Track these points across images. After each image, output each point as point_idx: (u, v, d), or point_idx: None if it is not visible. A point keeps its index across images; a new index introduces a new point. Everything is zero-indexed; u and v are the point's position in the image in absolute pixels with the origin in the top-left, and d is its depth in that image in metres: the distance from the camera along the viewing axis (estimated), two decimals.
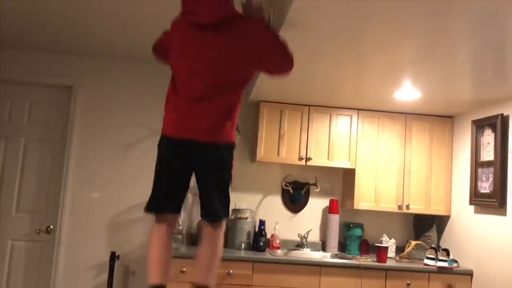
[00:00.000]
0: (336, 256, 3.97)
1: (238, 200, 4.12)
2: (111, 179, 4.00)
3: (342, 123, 4.10)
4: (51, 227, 3.90)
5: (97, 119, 4.03)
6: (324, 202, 4.30)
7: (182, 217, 3.82)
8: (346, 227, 4.18)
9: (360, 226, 4.17)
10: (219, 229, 1.95)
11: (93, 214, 3.95)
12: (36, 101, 4.04)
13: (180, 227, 3.68)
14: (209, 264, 1.92)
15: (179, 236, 3.66)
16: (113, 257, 3.75)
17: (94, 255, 3.90)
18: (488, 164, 3.53)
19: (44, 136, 4.01)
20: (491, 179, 3.47)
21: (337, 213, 4.15)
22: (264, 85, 3.49)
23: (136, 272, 3.94)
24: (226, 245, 3.94)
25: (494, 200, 3.40)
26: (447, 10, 2.04)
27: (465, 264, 3.75)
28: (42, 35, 3.59)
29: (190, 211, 4.06)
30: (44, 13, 3.12)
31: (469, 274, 3.67)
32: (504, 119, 3.42)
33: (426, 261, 3.76)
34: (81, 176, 3.96)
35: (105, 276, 3.80)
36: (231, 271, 3.48)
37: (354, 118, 4.10)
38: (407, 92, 3.45)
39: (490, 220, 3.51)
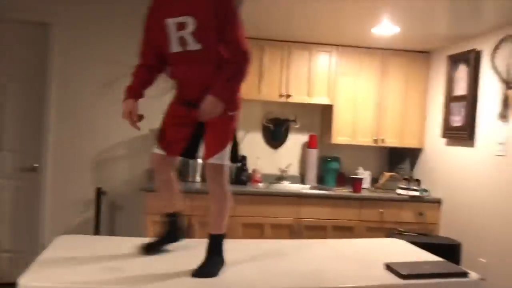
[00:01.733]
0: (314, 188, 4.16)
1: None
2: (93, 117, 4.02)
3: (321, 59, 4.15)
4: (36, 165, 3.96)
5: (75, 56, 3.98)
6: (303, 138, 4.44)
7: None
8: (324, 161, 4.35)
9: (337, 159, 4.35)
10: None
11: (77, 152, 4.01)
12: (13, 39, 3.94)
13: None
14: (218, 214, 2.00)
15: None
16: (99, 192, 3.87)
17: (80, 192, 4.00)
18: (460, 98, 3.67)
19: (23, 75, 3.96)
20: (463, 112, 3.62)
21: (316, 148, 4.30)
22: (244, 19, 3.47)
23: (123, 207, 4.08)
24: None
25: (465, 132, 3.57)
26: None
27: (435, 193, 3.99)
28: None
29: None
30: None
31: (438, 202, 3.92)
32: (477, 54, 3.52)
33: (399, 191, 3.99)
34: (63, 115, 3.98)
35: (92, 211, 3.93)
36: None
37: (334, 55, 4.15)
38: (386, 27, 3.49)
39: (459, 151, 3.71)
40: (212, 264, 1.90)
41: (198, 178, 4.06)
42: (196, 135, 2.06)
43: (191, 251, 2.11)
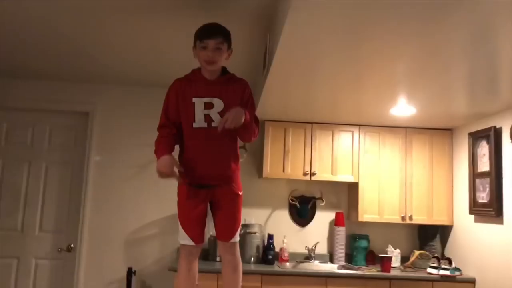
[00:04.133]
0: (343, 267, 4.11)
1: (247, 215, 4.30)
2: (127, 198, 4.24)
3: (344, 138, 4.28)
4: (72, 245, 4.14)
5: (112, 142, 4.29)
6: (330, 215, 4.46)
7: None
8: (352, 239, 4.33)
9: (366, 237, 4.31)
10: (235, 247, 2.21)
11: (111, 232, 4.18)
12: (56, 127, 4.32)
13: None
14: (232, 283, 2.21)
15: None
16: (130, 272, 3.97)
17: (112, 271, 4.12)
18: (484, 174, 3.67)
19: (63, 159, 4.29)
20: (487, 189, 3.60)
21: (343, 226, 4.30)
22: (268, 104, 3.70)
23: (152, 287, 4.14)
24: None
25: (491, 209, 3.52)
26: (438, 31, 2.17)
27: (467, 272, 3.86)
28: (60, 66, 3.89)
29: None
30: (60, 45, 3.41)
31: (472, 281, 3.78)
32: (497, 131, 3.56)
33: (429, 270, 3.89)
34: (99, 197, 4.21)
35: None
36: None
37: (356, 134, 4.28)
38: (403, 109, 3.62)
39: (488, 228, 3.64)
40: None
41: None
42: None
43: None
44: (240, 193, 2.21)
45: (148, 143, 4.19)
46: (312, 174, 4.19)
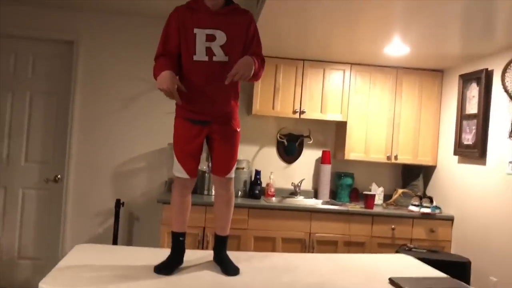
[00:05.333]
0: (327, 203, 4.22)
1: None
2: (114, 131, 4.20)
3: (335, 77, 4.24)
4: (59, 176, 4.14)
5: (98, 72, 4.19)
6: (317, 153, 4.52)
7: None
8: (337, 176, 4.42)
9: (351, 175, 4.41)
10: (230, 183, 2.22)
11: (98, 164, 4.18)
12: (39, 56, 4.17)
13: None
14: (224, 216, 2.24)
15: None
16: (118, 203, 4.02)
17: (100, 203, 4.16)
18: (472, 116, 3.71)
19: (48, 89, 4.18)
20: (474, 130, 3.66)
21: (329, 163, 4.37)
22: (261, 39, 3.59)
23: (140, 218, 4.22)
24: None
25: (476, 150, 3.60)
26: None
27: (447, 210, 4.01)
28: None
29: None
30: None
31: (450, 219, 3.94)
32: (489, 74, 3.56)
33: (411, 207, 4.02)
34: (86, 128, 4.16)
35: (111, 221, 4.08)
36: None
37: (347, 72, 4.25)
38: (397, 47, 3.57)
39: (471, 169, 3.74)
40: (230, 260, 2.15)
41: (213, 191, 4.16)
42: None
43: (204, 260, 2.23)
44: (238, 130, 2.19)
45: (137, 76, 4.19)
46: (302, 112, 4.19)
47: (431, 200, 4.02)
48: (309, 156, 4.54)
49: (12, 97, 4.14)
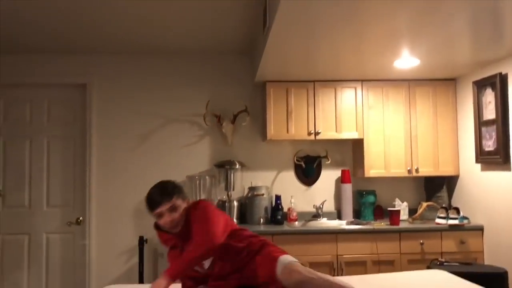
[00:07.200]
0: (351, 223, 4.14)
1: (253, 178, 4.33)
2: (131, 169, 4.22)
3: (347, 95, 4.23)
4: (81, 218, 4.15)
5: (112, 112, 4.24)
6: (336, 173, 4.47)
7: None
8: (359, 195, 4.35)
9: (373, 192, 4.33)
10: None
11: (119, 202, 4.19)
12: (54, 101, 4.26)
13: None
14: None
15: None
16: (142, 241, 4.00)
17: (123, 241, 4.15)
18: (490, 122, 3.65)
19: (64, 133, 4.24)
20: (494, 136, 3.59)
21: (350, 182, 4.31)
22: (269, 64, 3.63)
23: (164, 254, 4.18)
24: (245, 221, 4.16)
25: (498, 156, 3.52)
26: None
27: (475, 220, 3.91)
28: (53, 38, 3.78)
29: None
30: (55, 19, 3.31)
31: (480, 229, 3.83)
32: (503, 77, 3.52)
33: (438, 220, 3.93)
34: (104, 168, 4.20)
35: (135, 259, 4.07)
36: None
37: (359, 90, 4.23)
38: (407, 60, 3.56)
39: (496, 176, 3.65)
40: None
41: None
42: None
43: None
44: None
45: (148, 110, 4.24)
46: (317, 133, 4.16)
47: (457, 211, 3.92)
48: (328, 176, 4.49)
49: (30, 144, 4.21)
